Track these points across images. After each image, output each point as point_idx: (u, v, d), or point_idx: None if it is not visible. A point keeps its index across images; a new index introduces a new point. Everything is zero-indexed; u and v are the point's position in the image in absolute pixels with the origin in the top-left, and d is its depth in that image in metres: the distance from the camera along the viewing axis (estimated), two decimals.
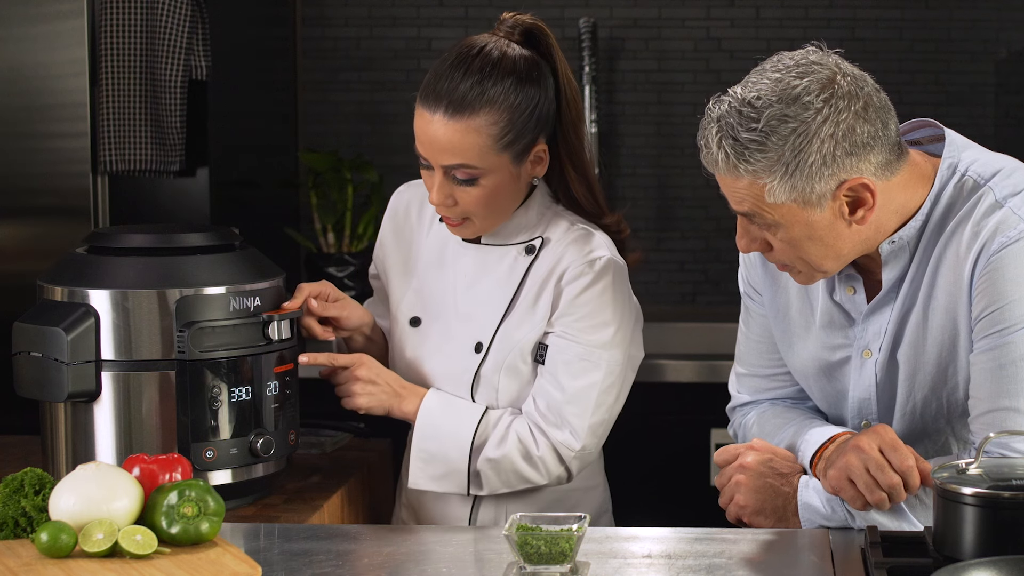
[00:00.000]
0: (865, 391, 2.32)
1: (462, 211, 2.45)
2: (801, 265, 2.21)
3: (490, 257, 2.53)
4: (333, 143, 4.25)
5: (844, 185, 2.12)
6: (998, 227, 2.16)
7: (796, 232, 2.15)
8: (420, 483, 2.51)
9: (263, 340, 2.42)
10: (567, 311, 2.46)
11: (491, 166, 2.40)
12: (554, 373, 2.47)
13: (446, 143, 2.39)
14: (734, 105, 2.12)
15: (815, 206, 2.12)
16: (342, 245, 4.04)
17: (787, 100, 2.09)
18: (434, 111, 2.39)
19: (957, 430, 2.28)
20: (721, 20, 4.19)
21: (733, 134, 2.10)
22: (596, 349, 2.46)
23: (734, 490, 2.30)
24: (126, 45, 3.33)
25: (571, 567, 1.99)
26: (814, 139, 2.08)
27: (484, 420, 2.48)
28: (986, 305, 2.16)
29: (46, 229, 3.36)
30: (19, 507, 2.10)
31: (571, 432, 2.46)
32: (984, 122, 4.14)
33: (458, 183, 2.42)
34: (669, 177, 4.25)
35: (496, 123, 2.39)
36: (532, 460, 2.47)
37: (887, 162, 2.15)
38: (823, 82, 2.11)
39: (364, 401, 2.50)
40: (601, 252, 2.47)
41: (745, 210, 2.16)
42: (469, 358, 2.51)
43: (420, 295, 2.59)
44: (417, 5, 4.23)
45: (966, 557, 1.91)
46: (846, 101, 2.10)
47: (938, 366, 2.24)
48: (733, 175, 2.13)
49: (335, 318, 2.55)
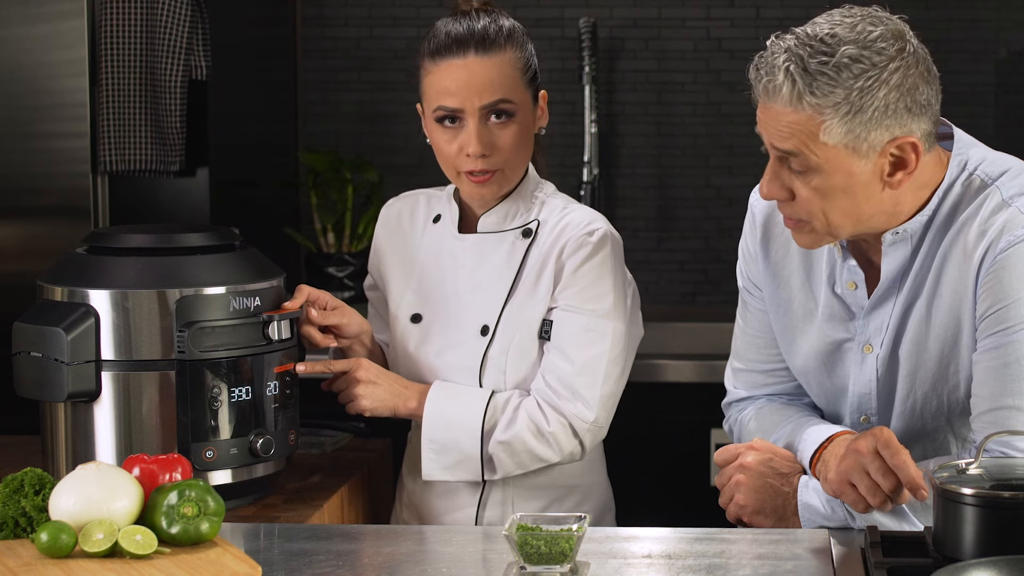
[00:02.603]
0: (865, 386, 2.32)
1: (498, 159, 2.49)
2: (819, 222, 2.18)
3: (487, 245, 2.55)
4: (333, 143, 4.25)
5: (895, 142, 2.12)
6: (1005, 226, 2.16)
7: (835, 180, 2.14)
8: (434, 474, 2.52)
9: (263, 340, 2.42)
10: (569, 283, 2.50)
11: (522, 101, 2.50)
12: (561, 347, 2.49)
13: (485, 79, 2.46)
14: (804, 39, 2.11)
15: (862, 156, 2.12)
16: (342, 245, 4.04)
17: (863, 42, 2.10)
18: (463, 55, 2.47)
19: (957, 428, 2.28)
20: (721, 20, 4.19)
21: (804, 64, 2.09)
22: (600, 319, 2.49)
23: (734, 490, 2.30)
24: (126, 45, 3.33)
25: (571, 567, 1.99)
26: (883, 85, 2.09)
27: (492, 404, 2.49)
28: (991, 304, 2.16)
29: (46, 229, 3.36)
30: (19, 507, 2.10)
31: (584, 404, 2.48)
32: (984, 122, 4.14)
33: (495, 124, 2.47)
34: (669, 177, 4.25)
35: (520, 57, 2.50)
36: (544, 437, 2.48)
37: (931, 133, 2.17)
38: (896, 34, 2.12)
39: (368, 403, 2.51)
40: (598, 224, 2.52)
41: (789, 148, 2.13)
42: (476, 343, 2.52)
43: (420, 291, 2.60)
44: (417, 5, 4.23)
45: (966, 557, 1.91)
46: (914, 59, 2.13)
47: (940, 363, 2.24)
48: (794, 107, 2.11)
49: (335, 326, 2.55)
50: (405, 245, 2.64)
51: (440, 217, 2.61)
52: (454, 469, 2.51)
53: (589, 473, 2.61)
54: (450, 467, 2.51)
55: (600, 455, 2.66)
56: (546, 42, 4.17)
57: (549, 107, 2.57)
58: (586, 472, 2.61)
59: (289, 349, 2.47)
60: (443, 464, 2.51)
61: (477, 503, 2.55)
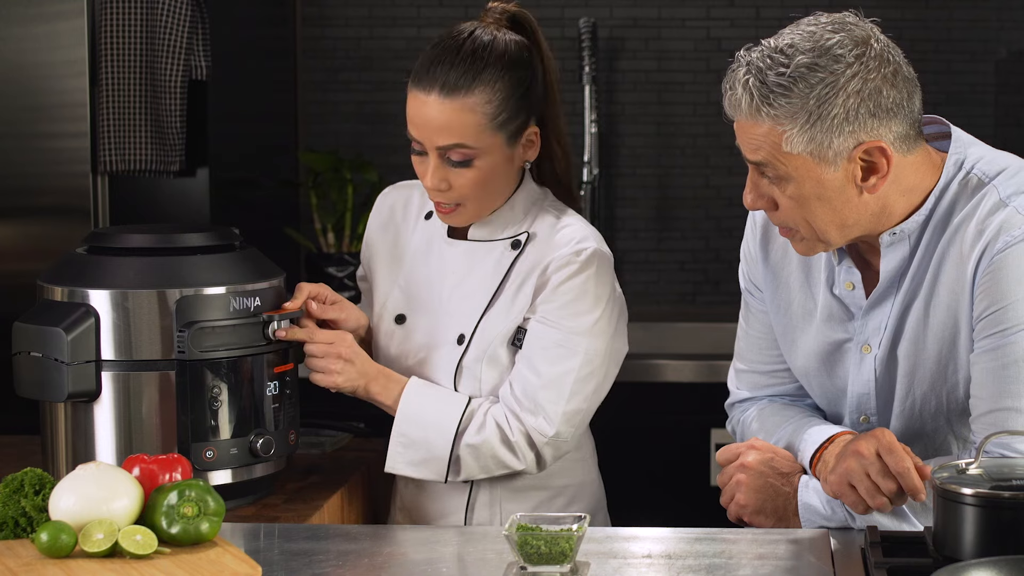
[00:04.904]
0: (864, 386, 2.32)
1: (456, 196, 2.45)
2: (805, 229, 2.20)
3: (477, 253, 2.54)
4: (333, 143, 4.25)
5: (861, 147, 2.12)
6: (1002, 226, 2.16)
7: (806, 189, 2.14)
8: (397, 467, 2.50)
9: (263, 340, 2.42)
10: (549, 298, 2.46)
11: (486, 147, 2.42)
12: (531, 358, 2.47)
13: (442, 123, 2.40)
14: (765, 51, 2.13)
15: (830, 163, 2.12)
16: (342, 245, 4.04)
17: (819, 51, 2.10)
18: (428, 92, 2.41)
19: (956, 429, 2.28)
20: (721, 20, 4.19)
21: (761, 77, 2.11)
22: (575, 336, 2.46)
23: (735, 489, 2.30)
24: (126, 45, 3.33)
25: (571, 567, 1.99)
26: (840, 92, 2.09)
27: (469, 408, 2.48)
28: (988, 305, 2.16)
29: (46, 229, 3.35)
30: (19, 507, 2.10)
31: (544, 418, 2.45)
32: (984, 122, 4.14)
33: (453, 165, 2.42)
34: (669, 177, 4.25)
35: (490, 102, 2.41)
36: (510, 445, 2.46)
37: (907, 135, 2.15)
38: (857, 40, 2.12)
39: (342, 380, 2.46)
40: (588, 243, 2.48)
41: (759, 159, 2.15)
42: (452, 350, 2.51)
43: (406, 292, 2.59)
44: (417, 5, 4.23)
45: (966, 557, 1.91)
46: (877, 63, 2.12)
47: (938, 363, 2.24)
48: (754, 119, 2.13)
49: (333, 320, 2.55)
50: (396, 239, 2.63)
51: (432, 214, 2.60)
52: (419, 466, 2.49)
53: (578, 473, 2.60)
54: (415, 463, 2.49)
55: (591, 453, 2.65)
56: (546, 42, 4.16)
57: None
58: (575, 472, 2.59)
59: (289, 349, 2.46)
60: (408, 459, 2.49)
61: (465, 506, 2.54)
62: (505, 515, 2.52)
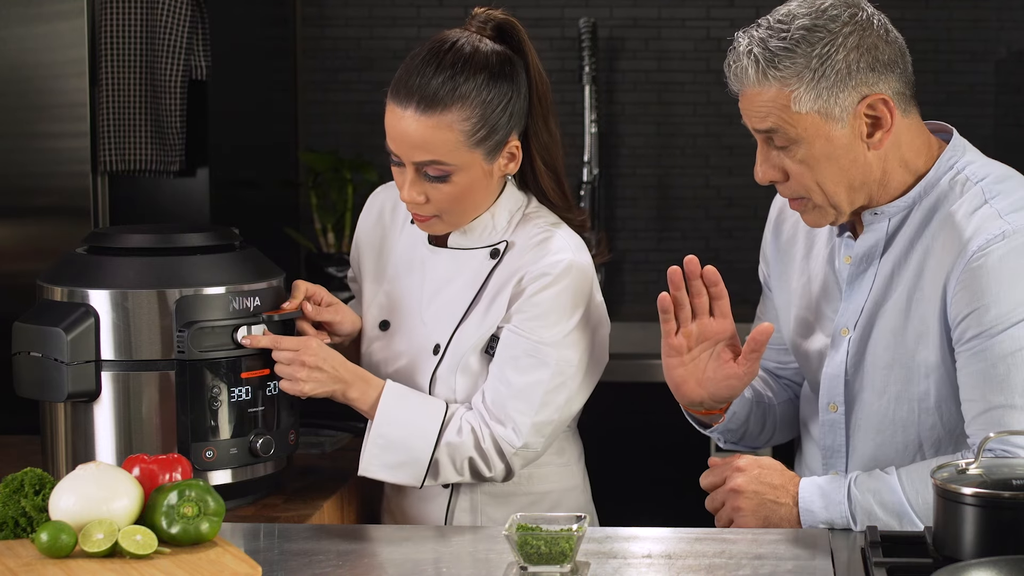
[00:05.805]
0: (836, 368, 2.33)
1: (434, 208, 2.43)
2: (817, 195, 2.25)
3: (458, 261, 2.51)
4: (333, 143, 4.25)
5: (865, 101, 2.20)
6: (981, 226, 2.19)
7: (816, 149, 2.21)
8: (371, 470, 2.44)
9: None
10: (522, 308, 2.43)
11: (463, 163, 2.39)
12: (502, 367, 2.44)
13: (418, 139, 2.37)
14: (763, 25, 2.23)
15: (837, 120, 2.20)
16: (342, 245, 4.04)
17: (816, 13, 2.21)
18: (405, 107, 2.37)
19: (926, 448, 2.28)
20: (721, 20, 4.19)
21: (764, 45, 2.21)
22: (546, 347, 2.43)
23: (731, 515, 2.29)
24: (126, 45, 3.33)
25: (571, 567, 1.99)
26: (840, 48, 2.19)
27: (448, 411, 2.45)
28: (968, 305, 2.17)
29: (46, 229, 3.35)
30: (19, 507, 2.10)
31: (513, 429, 2.42)
32: (984, 122, 4.14)
33: (429, 180, 2.40)
34: (669, 177, 4.25)
35: (468, 119, 2.37)
36: (483, 451, 2.43)
37: (903, 94, 2.24)
38: (849, 4, 2.23)
39: (309, 388, 2.42)
40: (563, 255, 2.44)
41: (768, 125, 2.22)
42: (428, 360, 2.49)
43: (390, 298, 2.57)
44: (417, 5, 4.23)
45: (966, 557, 1.91)
46: (869, 22, 2.22)
47: (915, 358, 2.25)
48: (761, 84, 2.21)
49: (328, 323, 2.53)
50: (383, 241, 2.61)
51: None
52: (395, 469, 2.44)
53: (562, 478, 2.57)
54: (391, 466, 2.44)
55: (576, 459, 2.62)
56: (546, 42, 4.17)
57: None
58: (559, 477, 2.56)
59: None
60: (384, 461, 2.43)
61: (445, 511, 2.52)
62: (485, 521, 2.51)
